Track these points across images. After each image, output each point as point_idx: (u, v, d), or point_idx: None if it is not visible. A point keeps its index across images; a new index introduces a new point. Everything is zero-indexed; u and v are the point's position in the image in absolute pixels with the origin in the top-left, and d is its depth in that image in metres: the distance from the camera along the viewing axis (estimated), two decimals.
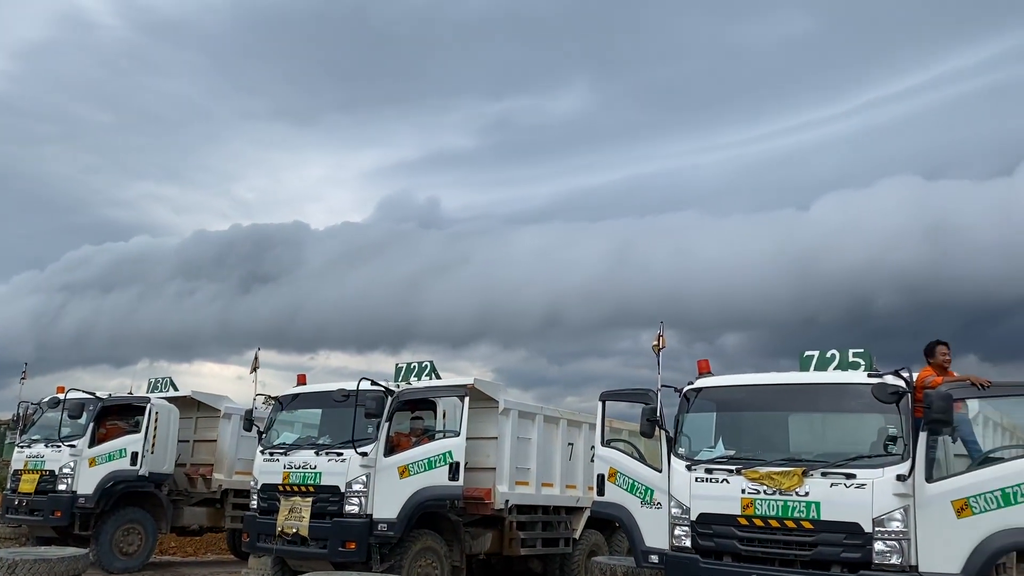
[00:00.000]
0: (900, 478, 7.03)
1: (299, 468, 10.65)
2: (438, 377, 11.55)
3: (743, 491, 7.62)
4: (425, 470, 10.60)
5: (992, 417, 9.67)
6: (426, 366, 11.63)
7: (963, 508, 7.01)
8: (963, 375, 7.87)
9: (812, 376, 8.30)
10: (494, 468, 11.72)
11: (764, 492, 7.51)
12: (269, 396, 14.68)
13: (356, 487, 10.21)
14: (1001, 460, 7.34)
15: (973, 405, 8.67)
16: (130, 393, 15.46)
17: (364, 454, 10.21)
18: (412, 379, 11.62)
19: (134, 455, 14.18)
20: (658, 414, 8.49)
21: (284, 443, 11.24)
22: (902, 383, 7.41)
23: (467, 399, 10.97)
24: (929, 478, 7.20)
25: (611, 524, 12.43)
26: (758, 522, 7.49)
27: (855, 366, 8.33)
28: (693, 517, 7.86)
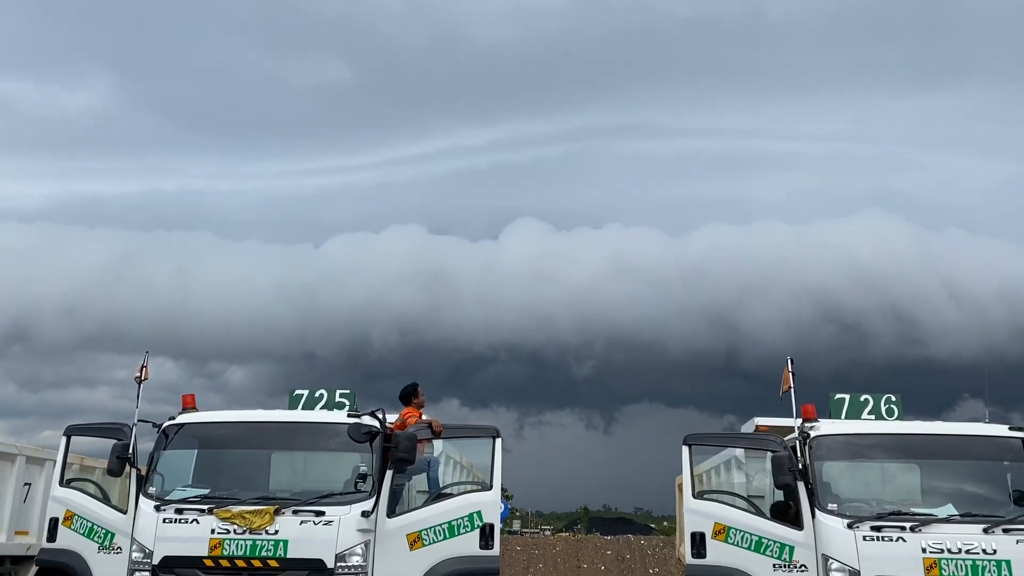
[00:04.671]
0: (365, 514, 7.43)
1: None
2: None
3: (213, 531, 7.37)
4: None
5: (453, 456, 10.82)
6: None
7: (416, 540, 7.68)
8: (427, 419, 8.68)
9: (293, 414, 8.45)
10: None
11: (234, 531, 7.35)
12: None
13: None
14: (451, 495, 8.24)
15: (438, 445, 9.62)
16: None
17: None
18: None
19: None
20: (131, 451, 7.88)
21: None
22: (376, 423, 7.90)
23: None
24: (391, 513, 7.74)
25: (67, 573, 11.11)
26: (225, 563, 7.29)
27: (341, 406, 8.67)
28: (156, 561, 7.37)
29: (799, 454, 7.58)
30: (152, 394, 9.78)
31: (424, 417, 8.88)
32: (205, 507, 7.48)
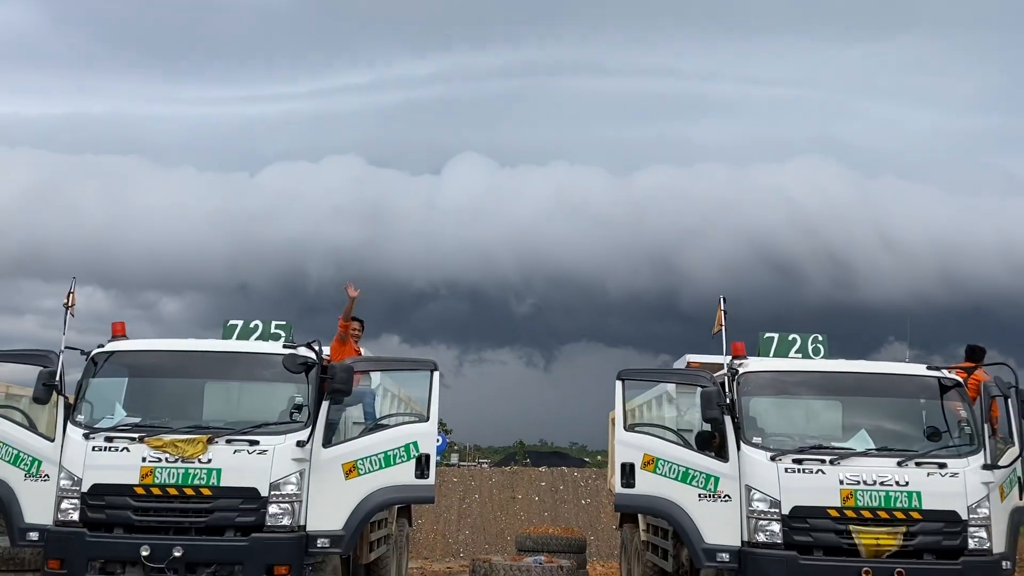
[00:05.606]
0: (300, 444, 7.44)
1: None
2: None
3: (144, 459, 7.32)
4: None
5: (391, 389, 10.87)
6: None
7: (351, 470, 7.73)
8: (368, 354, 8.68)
9: (227, 344, 8.36)
10: None
11: (166, 460, 7.31)
12: None
13: None
14: (387, 427, 8.31)
15: (375, 377, 9.65)
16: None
17: None
18: None
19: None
20: (58, 378, 7.72)
21: None
22: (312, 355, 7.86)
23: None
24: (327, 443, 7.77)
25: None
26: (156, 491, 7.26)
27: (276, 337, 8.60)
28: (85, 488, 7.30)
29: (727, 389, 7.81)
30: (82, 324, 9.53)
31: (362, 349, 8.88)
32: (136, 436, 7.41)
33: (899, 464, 7.33)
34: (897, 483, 7.25)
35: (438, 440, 8.91)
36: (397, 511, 11.80)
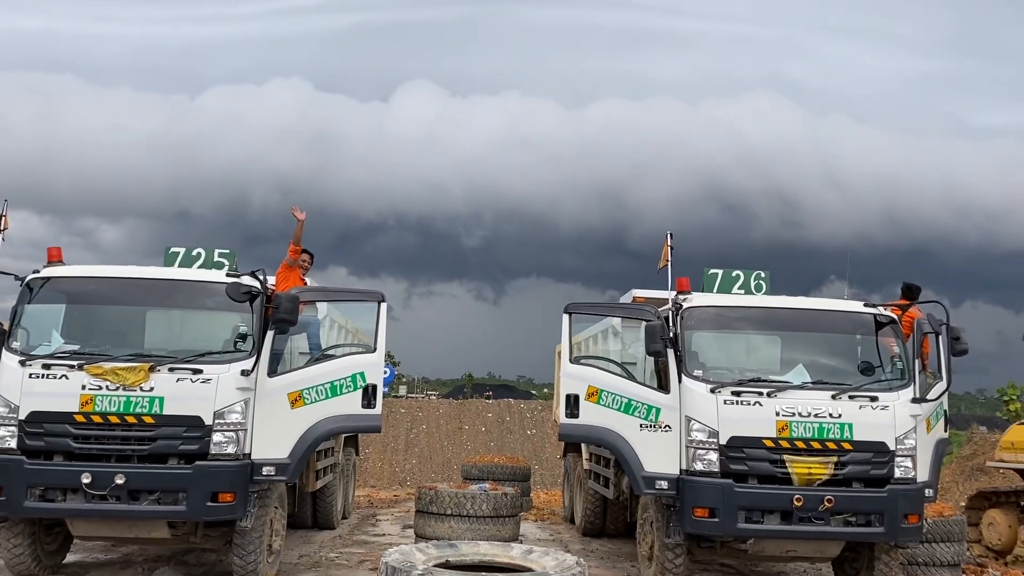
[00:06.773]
0: (244, 373, 7.39)
1: None
2: None
3: (84, 387, 7.20)
4: None
5: (338, 320, 10.82)
6: None
7: (297, 399, 7.73)
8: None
9: (169, 272, 8.20)
10: None
11: (107, 388, 7.20)
12: None
13: None
14: (334, 357, 8.30)
15: (322, 308, 9.58)
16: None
17: None
18: None
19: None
20: None
21: None
22: (257, 284, 7.76)
23: None
24: (272, 373, 7.73)
25: None
26: (97, 419, 7.17)
27: (220, 266, 8.49)
28: (23, 416, 7.17)
29: (671, 324, 7.94)
30: (16, 250, 9.23)
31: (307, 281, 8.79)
32: (75, 363, 7.27)
33: (833, 397, 7.57)
34: (830, 415, 7.51)
35: (385, 372, 8.93)
36: (344, 440, 11.87)
